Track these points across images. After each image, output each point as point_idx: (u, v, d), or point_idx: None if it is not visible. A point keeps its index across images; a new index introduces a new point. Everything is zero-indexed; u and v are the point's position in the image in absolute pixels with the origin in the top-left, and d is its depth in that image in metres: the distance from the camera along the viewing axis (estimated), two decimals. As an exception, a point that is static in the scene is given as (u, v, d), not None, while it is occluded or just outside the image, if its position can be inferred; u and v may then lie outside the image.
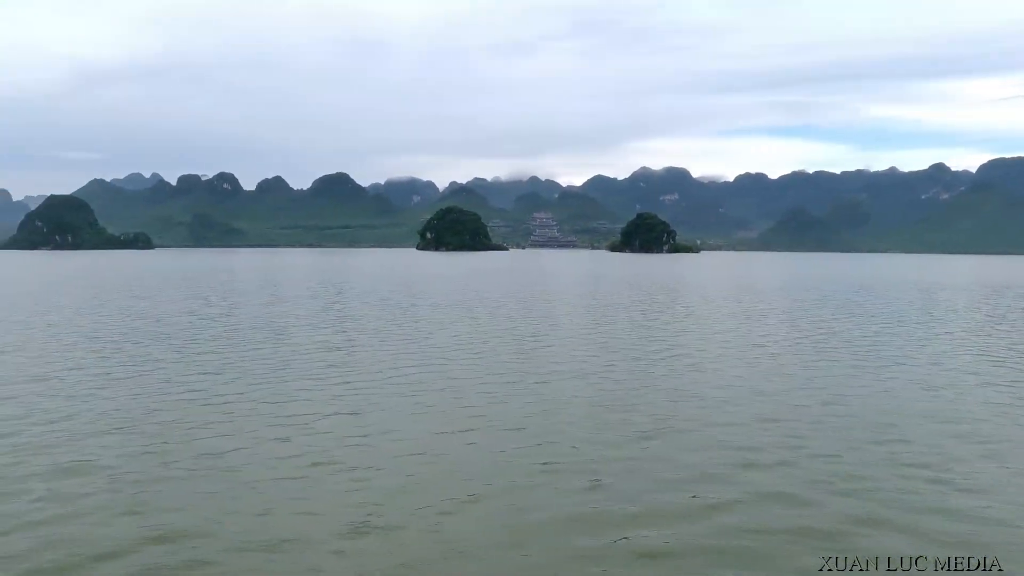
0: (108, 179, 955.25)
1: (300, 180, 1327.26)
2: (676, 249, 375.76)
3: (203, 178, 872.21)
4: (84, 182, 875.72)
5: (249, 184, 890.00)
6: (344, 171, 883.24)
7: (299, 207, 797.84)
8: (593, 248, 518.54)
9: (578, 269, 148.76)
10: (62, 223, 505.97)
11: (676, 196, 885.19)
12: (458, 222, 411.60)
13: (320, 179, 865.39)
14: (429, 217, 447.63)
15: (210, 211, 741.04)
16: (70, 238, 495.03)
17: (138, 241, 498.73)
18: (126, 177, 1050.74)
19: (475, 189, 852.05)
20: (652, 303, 60.16)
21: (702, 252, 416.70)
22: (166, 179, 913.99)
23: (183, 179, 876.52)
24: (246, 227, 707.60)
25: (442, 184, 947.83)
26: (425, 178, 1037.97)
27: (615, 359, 29.71)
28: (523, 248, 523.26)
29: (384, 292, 72.18)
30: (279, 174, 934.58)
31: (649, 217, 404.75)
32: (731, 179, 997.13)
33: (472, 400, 21.55)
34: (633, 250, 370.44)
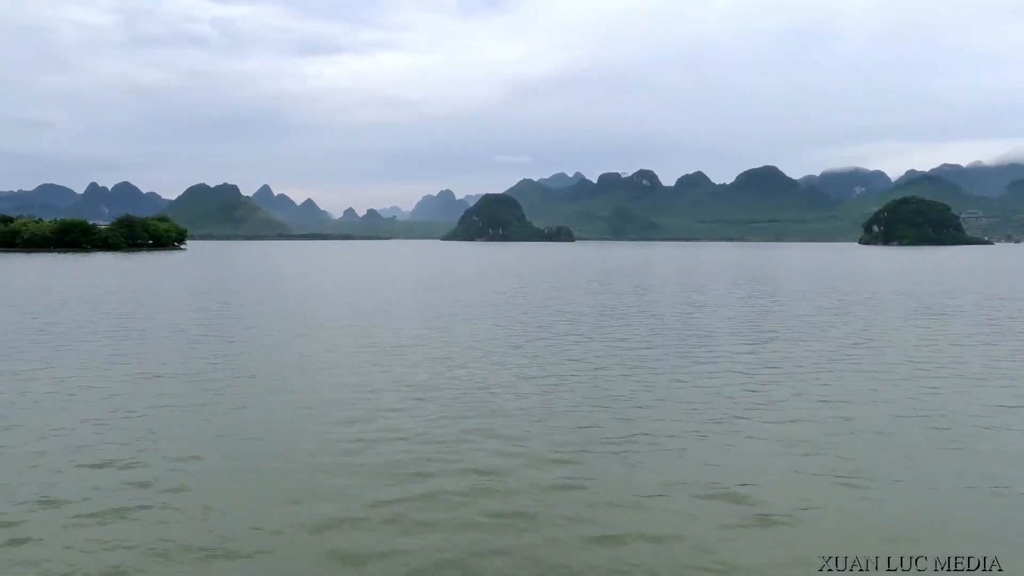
0: (535, 179, 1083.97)
1: (722, 174, 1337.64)
2: None
3: (623, 176, 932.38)
4: (514, 182, 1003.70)
5: (668, 180, 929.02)
6: (772, 164, 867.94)
7: (720, 201, 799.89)
8: None
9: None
10: (495, 218, 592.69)
11: None
12: (918, 213, 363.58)
13: (745, 173, 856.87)
14: (877, 209, 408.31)
15: (629, 206, 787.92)
16: (501, 231, 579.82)
17: (560, 234, 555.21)
18: (551, 176, 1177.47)
19: (943, 176, 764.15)
20: None
21: None
22: (587, 177, 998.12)
23: (604, 177, 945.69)
24: (665, 221, 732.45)
25: (895, 173, 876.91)
26: (871, 167, 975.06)
27: None
28: (1018, 242, 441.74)
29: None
30: (700, 169, 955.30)
31: None
32: None
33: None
34: None
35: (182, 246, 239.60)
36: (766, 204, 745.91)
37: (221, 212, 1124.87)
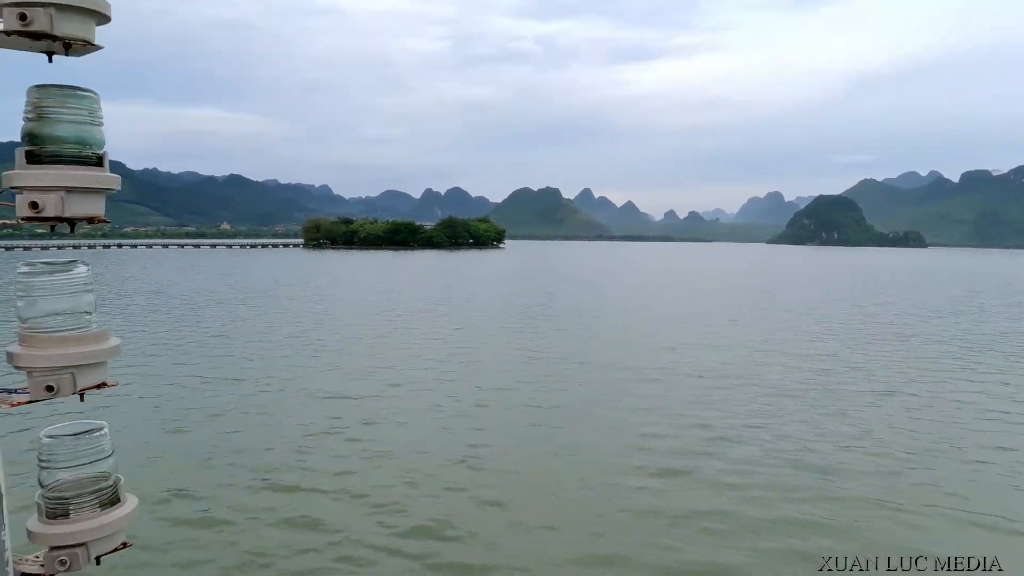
0: (879, 179, 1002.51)
1: None
2: None
3: (994, 173, 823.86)
4: (853, 182, 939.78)
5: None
6: None
7: None
8: None
9: None
10: (829, 221, 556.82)
11: None
12: None
13: None
14: None
15: (1001, 208, 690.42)
16: (836, 235, 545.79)
17: (908, 239, 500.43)
18: (899, 176, 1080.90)
19: None
20: None
21: None
22: (946, 176, 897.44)
23: (968, 175, 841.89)
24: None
25: None
26: None
27: None
28: None
29: None
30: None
31: None
32: None
33: None
34: None
35: (500, 245, 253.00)
36: None
37: (543, 214, 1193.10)
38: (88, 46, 1.44)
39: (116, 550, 1.44)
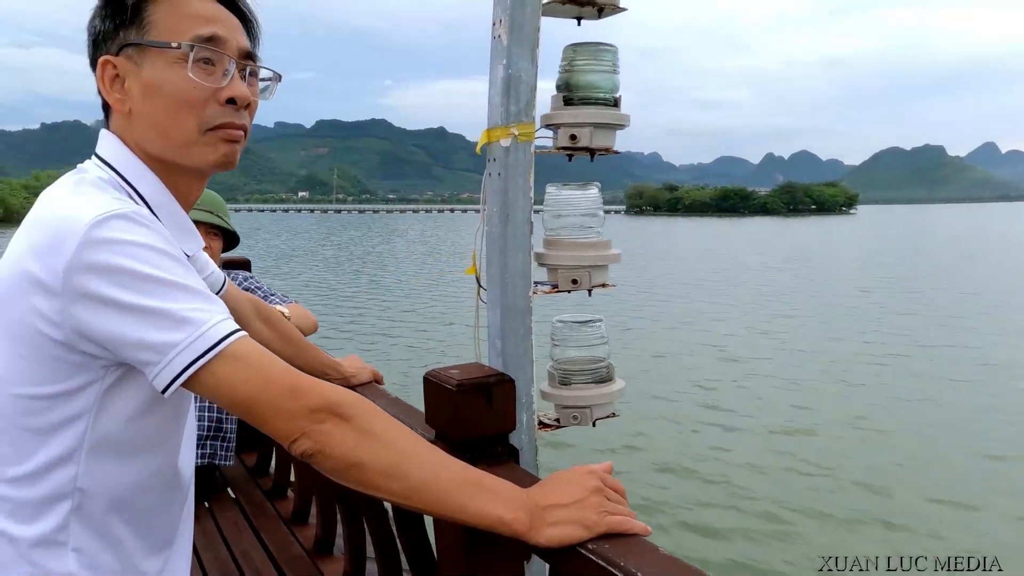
0: None
1: None
2: None
3: None
4: None
5: None
6: None
7: None
8: None
9: None
10: None
11: None
12: None
13: None
14: None
15: None
16: None
17: None
18: None
19: None
20: None
21: None
22: None
23: None
24: None
25: None
26: None
27: None
28: None
29: None
30: None
31: None
32: None
33: None
34: None
35: (851, 211, 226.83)
36: None
37: (918, 174, 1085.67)
38: (616, 8, 1.80)
39: (608, 417, 1.80)
